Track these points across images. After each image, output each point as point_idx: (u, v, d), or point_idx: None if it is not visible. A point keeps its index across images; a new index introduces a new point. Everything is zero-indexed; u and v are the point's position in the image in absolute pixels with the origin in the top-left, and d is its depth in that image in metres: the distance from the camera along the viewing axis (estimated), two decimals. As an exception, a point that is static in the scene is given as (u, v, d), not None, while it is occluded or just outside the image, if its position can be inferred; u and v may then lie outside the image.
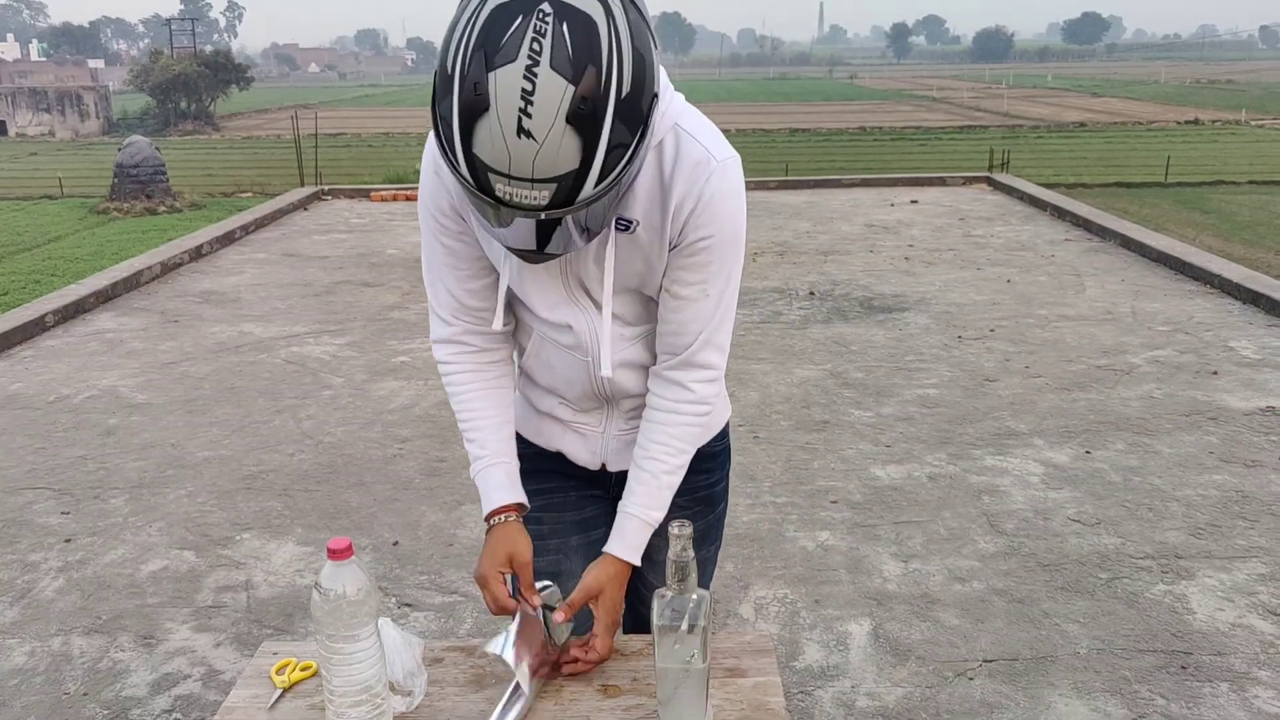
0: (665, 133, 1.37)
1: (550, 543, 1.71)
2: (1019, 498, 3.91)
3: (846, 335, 6.12)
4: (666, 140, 1.37)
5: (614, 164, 1.17)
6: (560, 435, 1.68)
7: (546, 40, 1.09)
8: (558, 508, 1.72)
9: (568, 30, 1.09)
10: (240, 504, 3.97)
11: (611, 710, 1.44)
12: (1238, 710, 2.64)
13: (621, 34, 1.12)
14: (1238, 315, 6.37)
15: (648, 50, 1.17)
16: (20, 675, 2.89)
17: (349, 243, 9.34)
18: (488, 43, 1.10)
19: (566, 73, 1.09)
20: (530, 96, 1.09)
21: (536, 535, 1.68)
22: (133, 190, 11.42)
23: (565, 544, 1.73)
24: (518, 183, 1.15)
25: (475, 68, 1.10)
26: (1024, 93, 39.64)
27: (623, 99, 1.13)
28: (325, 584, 1.29)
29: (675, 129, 1.37)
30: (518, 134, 1.11)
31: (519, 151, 1.12)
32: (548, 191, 1.16)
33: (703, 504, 1.74)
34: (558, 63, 1.09)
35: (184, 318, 6.75)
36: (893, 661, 2.89)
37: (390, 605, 3.23)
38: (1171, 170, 13.10)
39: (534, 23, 1.09)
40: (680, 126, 1.38)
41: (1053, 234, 9.15)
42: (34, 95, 27.33)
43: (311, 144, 13.74)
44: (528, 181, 1.14)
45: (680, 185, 1.37)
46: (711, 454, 1.73)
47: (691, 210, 1.38)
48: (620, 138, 1.16)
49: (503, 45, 1.09)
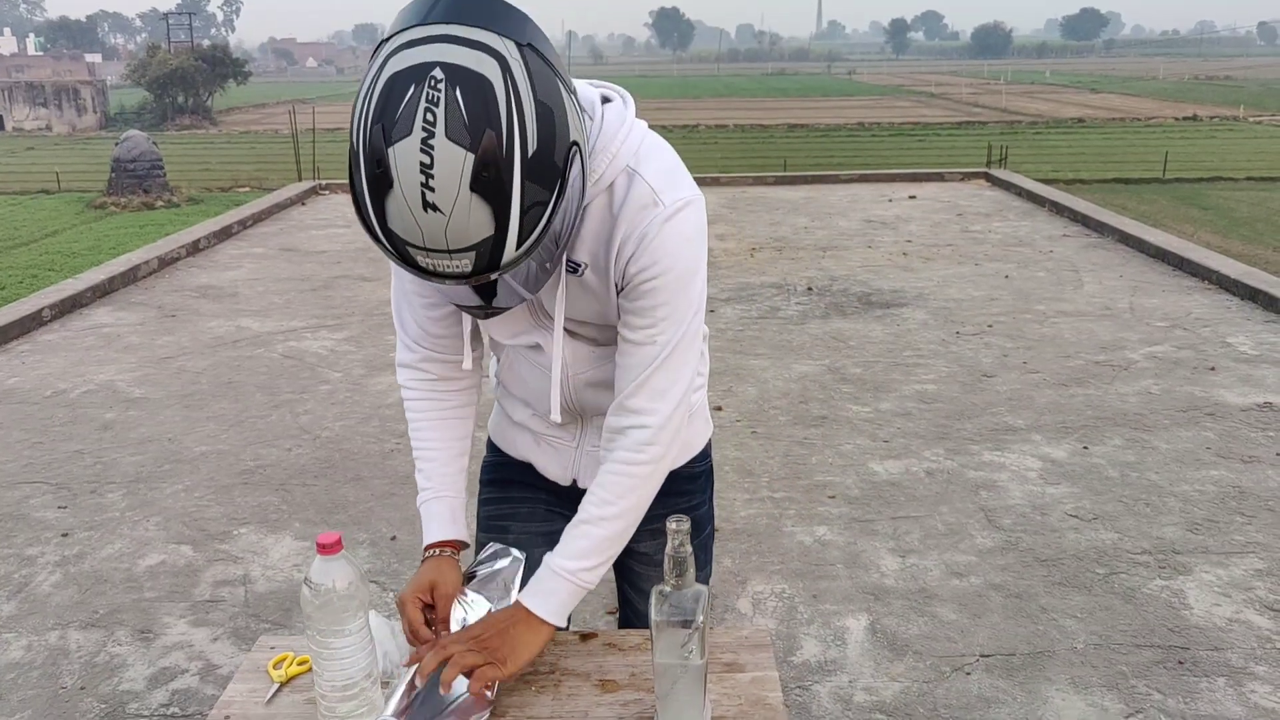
0: (618, 174, 1.34)
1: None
2: (1016, 493, 3.91)
3: (844, 331, 6.12)
4: (618, 182, 1.34)
5: (533, 224, 1.13)
6: (532, 447, 1.67)
7: (440, 109, 1.04)
8: (525, 518, 1.70)
9: (460, 95, 1.05)
10: (237, 499, 3.97)
11: (609, 705, 1.43)
12: (1234, 705, 2.64)
13: (521, 90, 1.08)
14: (1235, 311, 6.38)
15: (555, 100, 1.12)
16: (17, 669, 2.88)
17: (346, 237, 9.33)
18: (384, 116, 1.06)
19: (464, 141, 1.04)
20: (430, 170, 1.05)
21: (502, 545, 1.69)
22: (130, 185, 11.40)
23: (529, 557, 1.67)
24: (435, 254, 1.11)
25: (375, 143, 1.07)
26: (1022, 88, 39.62)
27: (530, 157, 1.09)
28: (315, 579, 1.29)
29: (627, 170, 1.34)
30: (424, 208, 1.07)
31: (429, 225, 1.08)
32: (468, 260, 1.12)
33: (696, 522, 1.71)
34: (453, 131, 1.04)
35: (181, 312, 6.74)
36: (890, 656, 2.89)
37: (387, 600, 3.23)
38: (1170, 166, 13.10)
39: (426, 91, 1.05)
40: (633, 168, 1.34)
41: (1051, 230, 9.15)
42: (31, 90, 27.25)
43: (309, 139, 13.71)
44: (444, 252, 1.11)
45: (624, 226, 1.34)
46: (690, 475, 1.69)
47: (633, 252, 1.34)
48: (535, 196, 1.11)
49: (398, 119, 1.05)
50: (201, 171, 14.84)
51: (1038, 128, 21.97)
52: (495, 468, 1.74)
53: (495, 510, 1.73)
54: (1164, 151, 14.09)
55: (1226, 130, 20.48)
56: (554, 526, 1.71)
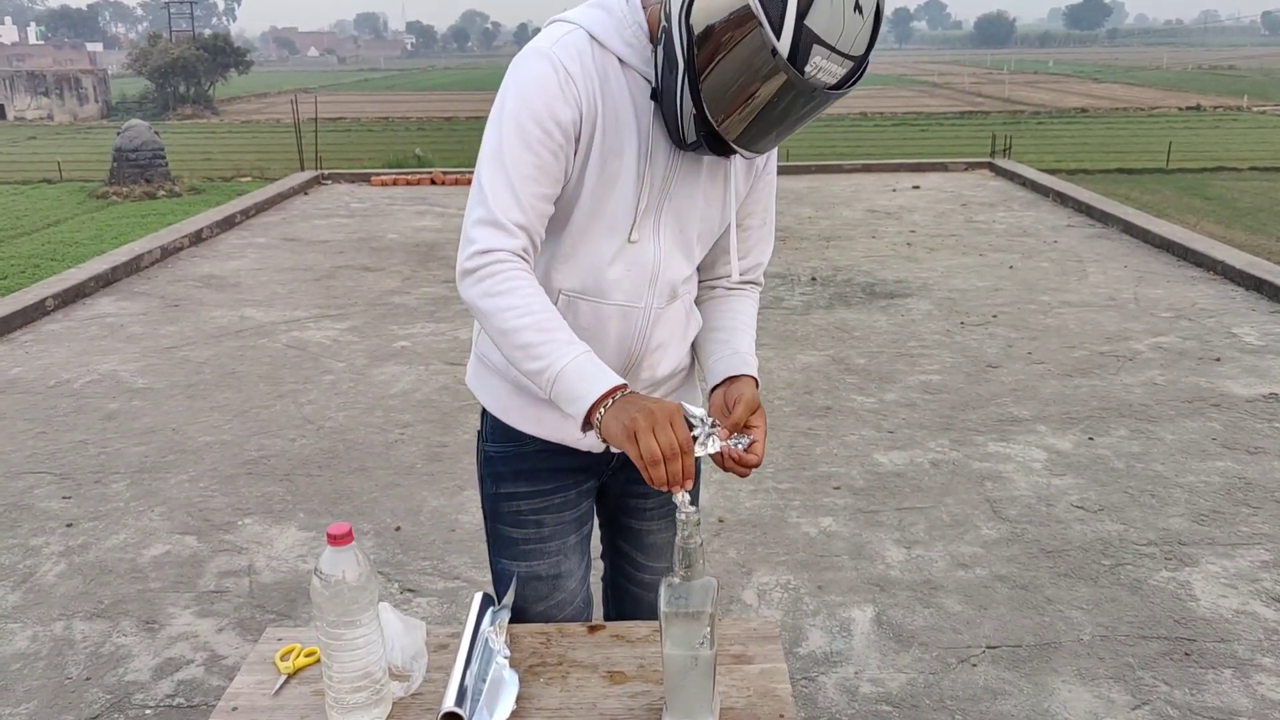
0: None
1: (551, 544, 1.69)
2: (1022, 484, 3.90)
3: (849, 321, 6.11)
4: None
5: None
6: (561, 424, 1.59)
7: None
8: (558, 508, 1.69)
9: None
10: (242, 489, 3.96)
11: (618, 697, 1.43)
12: (1241, 697, 2.63)
13: None
14: (1240, 302, 6.36)
15: None
16: (23, 659, 2.88)
17: (349, 227, 9.31)
18: None
19: None
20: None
21: (539, 538, 1.68)
22: (132, 174, 11.39)
23: (565, 544, 1.71)
24: (834, 55, 1.22)
25: None
26: (1025, 78, 39.51)
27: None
28: (325, 570, 1.28)
29: None
30: (855, 9, 1.20)
31: (851, 27, 1.21)
32: (845, 69, 1.24)
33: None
34: None
35: (184, 302, 6.73)
36: (896, 648, 2.89)
37: (392, 591, 3.23)
38: (1173, 156, 13.07)
39: None
40: None
41: (1055, 220, 9.12)
42: (32, 79, 27.23)
43: (311, 128, 13.69)
44: (841, 55, 1.22)
45: None
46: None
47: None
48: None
49: None
50: (203, 161, 14.82)
51: (1041, 118, 21.92)
52: (515, 459, 1.67)
53: (527, 505, 1.67)
54: (1167, 141, 14.06)
55: (1230, 120, 20.42)
56: (581, 510, 1.73)
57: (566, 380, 1.36)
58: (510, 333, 1.38)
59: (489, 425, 1.69)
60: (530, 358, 1.38)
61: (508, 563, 1.70)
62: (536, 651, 1.54)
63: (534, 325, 1.37)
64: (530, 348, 1.37)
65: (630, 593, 1.85)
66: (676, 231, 1.53)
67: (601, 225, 1.47)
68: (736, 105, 1.30)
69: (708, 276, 1.71)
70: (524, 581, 1.69)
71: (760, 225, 1.69)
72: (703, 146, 1.39)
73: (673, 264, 1.54)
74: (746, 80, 1.26)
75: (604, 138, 1.42)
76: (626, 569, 1.84)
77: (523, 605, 1.69)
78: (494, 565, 1.73)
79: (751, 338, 1.65)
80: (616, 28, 1.43)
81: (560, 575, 1.69)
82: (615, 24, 1.43)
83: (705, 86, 1.31)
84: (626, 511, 1.79)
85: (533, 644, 1.56)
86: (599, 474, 1.71)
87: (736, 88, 1.28)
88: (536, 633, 1.59)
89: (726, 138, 1.35)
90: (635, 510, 1.78)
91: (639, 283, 1.52)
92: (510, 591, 1.66)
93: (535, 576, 1.68)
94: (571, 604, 1.72)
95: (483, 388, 1.68)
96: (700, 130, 1.36)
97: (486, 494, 1.72)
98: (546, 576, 1.69)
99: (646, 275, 1.52)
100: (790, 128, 1.34)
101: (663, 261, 1.53)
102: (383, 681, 1.37)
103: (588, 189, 1.45)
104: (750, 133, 1.34)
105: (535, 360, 1.37)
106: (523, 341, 1.38)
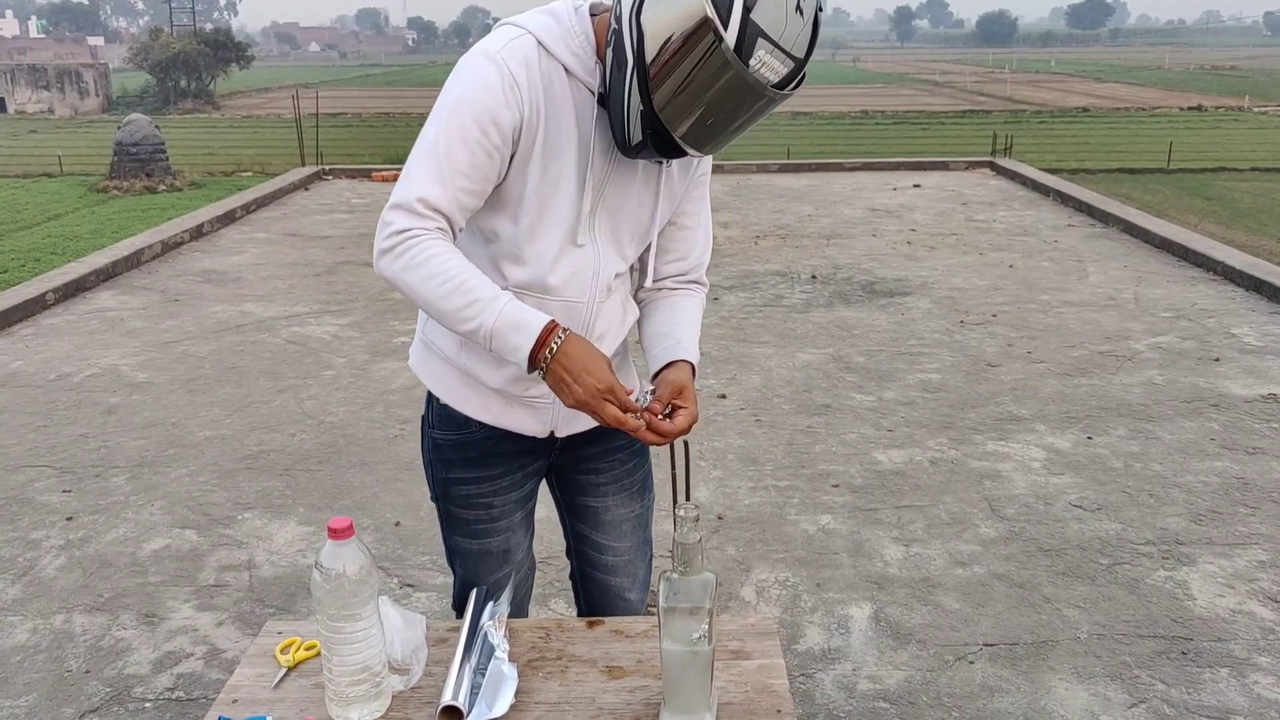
0: None
1: (501, 524, 1.77)
2: (1020, 483, 3.91)
3: (848, 319, 6.11)
4: None
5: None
6: (507, 411, 1.67)
7: None
8: (505, 490, 1.76)
9: None
10: (242, 483, 3.97)
11: (616, 692, 1.44)
12: (1238, 696, 2.64)
13: None
14: (1240, 302, 6.37)
15: None
16: (22, 653, 2.89)
17: (350, 222, 9.32)
18: None
19: None
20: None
21: (489, 519, 1.76)
22: (132, 169, 11.39)
23: (512, 521, 1.79)
24: (777, 53, 1.28)
25: None
26: (1027, 77, 39.48)
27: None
28: (326, 563, 1.29)
29: None
30: (796, 9, 1.27)
31: (793, 26, 1.28)
32: (786, 69, 1.31)
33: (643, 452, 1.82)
34: None
35: (185, 297, 6.74)
36: (893, 645, 2.89)
37: (392, 585, 3.23)
38: (1174, 156, 13.06)
39: None
40: None
41: (1055, 219, 9.13)
42: (33, 72, 27.20)
43: (312, 123, 13.68)
44: (784, 54, 1.28)
45: None
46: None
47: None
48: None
49: None
50: (204, 156, 14.81)
51: (1042, 117, 21.90)
52: (462, 446, 1.73)
53: (476, 489, 1.74)
54: (1169, 141, 14.05)
55: (1231, 120, 20.41)
56: (526, 490, 1.80)
57: (501, 336, 1.43)
58: (436, 301, 1.44)
59: (435, 412, 1.74)
60: (462, 320, 1.44)
61: (460, 540, 1.80)
62: (535, 646, 1.54)
63: (457, 289, 1.43)
64: (459, 312, 1.43)
65: (597, 580, 1.89)
66: (609, 231, 1.58)
67: (547, 227, 1.53)
68: (683, 99, 1.33)
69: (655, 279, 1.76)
70: (477, 558, 1.79)
71: (696, 227, 1.73)
72: (648, 148, 1.41)
73: (610, 262, 1.61)
74: (694, 73, 1.30)
75: (545, 143, 1.47)
76: (590, 554, 1.88)
77: (474, 579, 1.79)
78: (447, 541, 1.84)
79: (693, 330, 1.70)
80: (564, 36, 1.47)
81: (509, 549, 1.80)
82: (563, 32, 1.47)
83: (654, 80, 1.34)
84: (581, 490, 1.83)
85: (531, 638, 1.56)
86: (546, 454, 1.77)
87: (684, 80, 1.32)
88: (535, 627, 1.60)
89: (673, 131, 1.37)
90: (589, 488, 1.82)
91: (583, 281, 1.58)
92: (509, 588, 1.71)
93: (487, 553, 1.79)
94: (519, 572, 1.84)
95: (428, 373, 1.73)
96: (647, 128, 1.38)
97: (436, 478, 1.78)
98: (497, 552, 1.80)
99: (589, 273, 1.58)
100: (737, 128, 1.39)
101: (602, 261, 1.59)
102: (382, 675, 1.38)
103: (531, 190, 1.50)
104: (696, 130, 1.37)
105: (466, 323, 1.44)
106: (451, 307, 1.43)
